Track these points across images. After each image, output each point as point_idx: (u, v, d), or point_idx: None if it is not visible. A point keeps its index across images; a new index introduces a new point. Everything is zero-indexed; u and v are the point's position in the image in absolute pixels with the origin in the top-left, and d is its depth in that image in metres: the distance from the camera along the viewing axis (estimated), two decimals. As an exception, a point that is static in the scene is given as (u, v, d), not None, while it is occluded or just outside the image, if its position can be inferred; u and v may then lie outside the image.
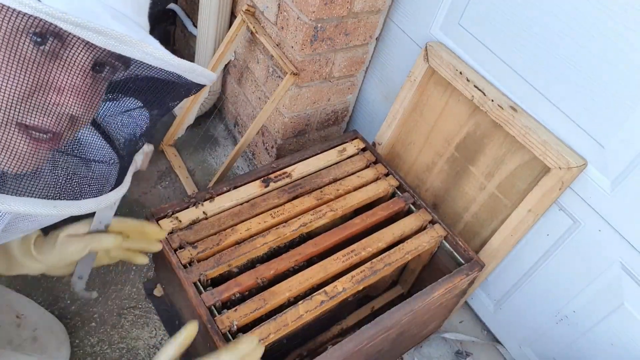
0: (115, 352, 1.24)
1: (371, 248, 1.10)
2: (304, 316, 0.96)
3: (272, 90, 1.45)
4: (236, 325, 0.93)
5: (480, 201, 1.24)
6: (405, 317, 1.03)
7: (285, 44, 1.32)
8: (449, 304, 1.21)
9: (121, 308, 1.31)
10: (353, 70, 1.44)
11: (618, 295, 1.07)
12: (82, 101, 0.53)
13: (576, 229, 1.10)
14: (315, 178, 1.20)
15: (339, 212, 1.14)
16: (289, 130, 1.48)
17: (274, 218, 1.10)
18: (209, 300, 0.95)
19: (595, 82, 0.97)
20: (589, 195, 1.06)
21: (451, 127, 1.26)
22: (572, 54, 0.99)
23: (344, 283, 1.02)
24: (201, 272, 0.98)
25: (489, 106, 1.13)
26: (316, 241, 1.08)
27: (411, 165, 1.39)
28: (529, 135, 1.07)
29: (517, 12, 1.05)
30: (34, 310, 1.17)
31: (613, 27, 0.91)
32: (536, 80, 1.07)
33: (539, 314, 1.25)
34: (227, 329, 0.92)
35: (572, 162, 1.02)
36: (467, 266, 1.12)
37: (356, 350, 0.97)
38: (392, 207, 1.19)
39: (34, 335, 1.10)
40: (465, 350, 1.41)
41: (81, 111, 0.53)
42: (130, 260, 0.84)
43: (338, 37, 1.29)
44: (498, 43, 1.11)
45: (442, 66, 1.19)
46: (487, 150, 1.20)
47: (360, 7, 1.26)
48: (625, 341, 1.09)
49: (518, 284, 1.28)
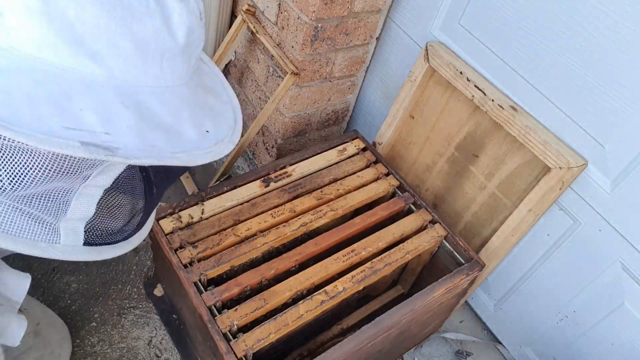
0: (116, 351, 1.24)
1: (371, 248, 1.10)
2: (305, 316, 0.96)
3: (273, 90, 1.45)
4: (236, 325, 0.93)
5: (480, 201, 1.24)
6: (406, 317, 1.03)
7: (285, 44, 1.32)
8: (449, 303, 1.21)
9: (121, 308, 1.31)
10: (353, 70, 1.44)
11: (618, 294, 1.07)
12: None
13: (576, 229, 1.10)
14: (315, 178, 1.20)
15: (339, 211, 1.14)
16: (289, 130, 1.48)
17: (274, 218, 1.10)
18: (209, 300, 0.95)
19: (596, 81, 0.97)
20: (589, 195, 1.06)
21: (451, 127, 1.26)
22: (573, 54, 0.99)
23: (345, 283, 1.02)
24: (201, 272, 0.98)
25: (489, 106, 1.13)
26: (316, 241, 1.08)
27: (411, 165, 1.39)
28: (529, 135, 1.07)
29: (518, 12, 1.05)
30: (35, 305, 1.17)
31: (613, 26, 0.91)
32: (536, 80, 1.07)
33: (540, 313, 1.25)
34: (228, 328, 0.92)
35: (572, 162, 1.02)
36: (467, 266, 1.12)
37: (356, 350, 0.97)
38: (393, 206, 1.19)
39: (36, 329, 1.10)
40: (466, 350, 1.41)
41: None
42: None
43: (338, 37, 1.29)
44: (498, 43, 1.11)
45: (442, 66, 1.19)
46: (487, 149, 1.20)
47: (360, 7, 1.26)
48: (626, 341, 1.09)
49: (518, 284, 1.28)
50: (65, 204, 0.64)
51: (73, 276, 1.34)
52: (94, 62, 0.60)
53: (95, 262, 1.28)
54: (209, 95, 0.80)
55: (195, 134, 0.71)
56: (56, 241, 0.65)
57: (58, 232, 0.65)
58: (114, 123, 0.60)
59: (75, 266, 1.36)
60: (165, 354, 1.26)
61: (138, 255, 1.42)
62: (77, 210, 0.66)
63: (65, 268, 1.34)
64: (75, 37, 0.58)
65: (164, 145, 0.65)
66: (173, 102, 0.69)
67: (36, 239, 0.64)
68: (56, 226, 0.65)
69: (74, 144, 0.55)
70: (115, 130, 0.59)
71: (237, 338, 0.91)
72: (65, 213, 0.65)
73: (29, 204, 0.62)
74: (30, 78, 0.57)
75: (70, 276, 1.34)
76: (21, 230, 0.62)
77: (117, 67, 0.61)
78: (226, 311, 0.94)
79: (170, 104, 0.68)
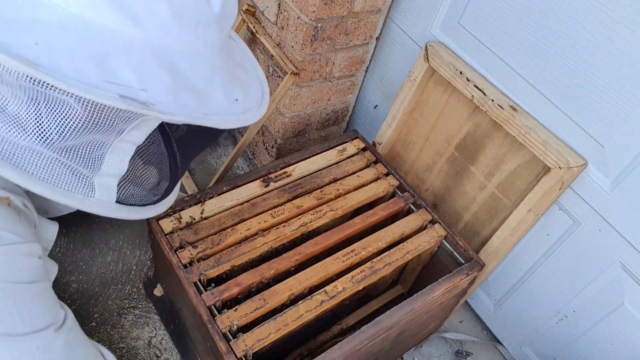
0: (116, 352, 1.24)
1: (371, 248, 1.10)
2: (305, 315, 0.96)
3: (272, 90, 1.45)
4: (236, 325, 0.93)
5: (480, 201, 1.24)
6: (406, 317, 1.03)
7: (285, 44, 1.32)
8: (449, 304, 1.21)
9: (121, 308, 1.31)
10: (353, 70, 1.44)
11: (618, 295, 1.07)
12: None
13: (576, 229, 1.10)
14: (315, 178, 1.20)
15: (339, 211, 1.14)
16: (289, 130, 1.48)
17: (274, 218, 1.10)
18: (209, 300, 0.95)
19: (596, 81, 0.97)
20: (589, 195, 1.06)
21: (451, 127, 1.26)
22: (573, 54, 0.99)
23: (344, 283, 1.02)
24: (201, 272, 0.98)
25: (489, 106, 1.13)
26: (316, 241, 1.08)
27: (411, 164, 1.39)
28: (529, 135, 1.07)
29: (518, 12, 1.05)
30: None
31: (613, 26, 0.91)
32: (536, 80, 1.07)
33: (539, 313, 1.25)
34: (228, 328, 0.92)
35: (572, 162, 1.02)
36: (467, 266, 1.12)
37: (356, 350, 0.97)
38: (392, 206, 1.19)
39: None
40: (466, 350, 1.41)
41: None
42: None
43: (338, 37, 1.29)
44: (498, 43, 1.11)
45: (442, 66, 1.19)
46: (487, 149, 1.20)
47: (360, 7, 1.26)
48: (626, 341, 1.09)
49: (518, 284, 1.28)
50: (100, 157, 0.68)
51: (73, 276, 1.34)
52: (134, 24, 0.63)
53: (94, 261, 1.28)
54: (238, 68, 0.83)
55: (225, 100, 0.75)
56: (91, 195, 0.70)
57: (93, 186, 0.70)
58: (150, 81, 0.64)
59: (74, 266, 1.35)
60: (165, 354, 1.25)
61: (138, 255, 1.42)
62: (111, 164, 0.70)
63: (65, 268, 1.34)
64: (118, 0, 0.62)
65: (196, 106, 0.69)
66: (205, 68, 0.72)
67: (73, 191, 0.68)
68: (91, 180, 0.69)
69: (113, 95, 0.59)
70: (151, 87, 0.63)
71: (237, 338, 0.91)
72: (99, 167, 0.69)
73: (68, 156, 0.66)
74: (74, 35, 0.60)
75: (70, 276, 1.33)
76: (60, 181, 0.67)
77: (155, 31, 0.65)
78: (226, 311, 0.94)
79: (203, 70, 0.71)
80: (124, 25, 0.62)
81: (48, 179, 0.66)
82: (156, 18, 0.64)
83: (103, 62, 0.61)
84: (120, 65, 0.62)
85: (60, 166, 0.66)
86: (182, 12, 0.66)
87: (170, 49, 0.66)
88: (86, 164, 0.68)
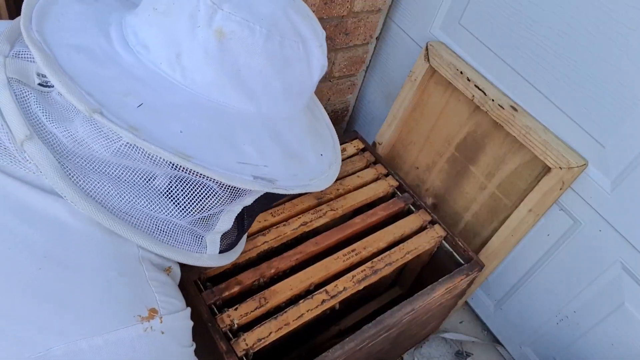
0: (114, 351, 1.23)
1: (371, 248, 1.09)
2: (305, 315, 0.96)
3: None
4: (237, 324, 0.92)
5: (480, 201, 1.24)
6: (406, 317, 1.03)
7: (285, 44, 1.32)
8: (448, 304, 1.21)
9: (120, 308, 1.30)
10: (353, 70, 1.44)
11: (618, 295, 1.07)
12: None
13: (577, 229, 1.10)
14: (315, 177, 1.20)
15: (339, 211, 1.14)
16: (289, 130, 1.48)
17: (274, 217, 1.10)
18: (209, 299, 0.94)
19: (596, 81, 0.97)
20: (590, 195, 1.06)
21: (451, 127, 1.26)
22: (573, 54, 0.99)
23: (345, 282, 1.02)
24: (201, 270, 0.98)
25: (490, 106, 1.13)
26: (317, 240, 1.08)
27: (411, 164, 1.39)
28: (529, 135, 1.07)
29: (518, 12, 1.05)
30: None
31: (613, 26, 0.91)
32: (537, 79, 1.07)
33: (540, 314, 1.25)
34: (228, 327, 0.92)
35: (572, 162, 1.03)
36: (467, 266, 1.12)
37: (357, 350, 0.97)
38: (392, 207, 1.19)
39: None
40: (466, 351, 1.41)
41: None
42: None
43: (338, 36, 1.29)
44: (499, 42, 1.11)
45: (442, 66, 1.19)
46: (487, 150, 1.20)
47: (360, 7, 1.26)
48: (626, 341, 1.09)
49: (518, 284, 1.28)
50: (216, 219, 0.72)
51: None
52: (250, 100, 0.66)
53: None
54: (312, 117, 0.86)
55: (315, 159, 0.79)
56: (204, 252, 0.73)
57: (205, 243, 0.73)
58: (268, 156, 0.67)
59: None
60: (164, 354, 1.25)
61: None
62: (223, 224, 0.73)
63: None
64: (240, 80, 0.64)
65: (302, 174, 0.73)
66: (298, 130, 0.75)
67: (191, 251, 0.71)
68: (204, 239, 0.73)
69: (248, 178, 0.63)
70: (271, 162, 0.67)
71: (238, 337, 0.91)
72: (213, 227, 0.72)
73: (195, 223, 0.69)
74: (204, 115, 0.63)
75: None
76: (183, 243, 0.69)
77: (266, 104, 0.68)
78: (226, 310, 0.94)
79: (297, 132, 0.75)
80: (242, 101, 0.65)
81: (175, 243, 0.68)
82: (270, 94, 0.67)
83: (232, 141, 0.63)
84: (244, 143, 0.64)
85: (185, 231, 0.69)
86: (292, 86, 0.70)
87: (274, 117, 0.69)
88: (206, 227, 0.72)
